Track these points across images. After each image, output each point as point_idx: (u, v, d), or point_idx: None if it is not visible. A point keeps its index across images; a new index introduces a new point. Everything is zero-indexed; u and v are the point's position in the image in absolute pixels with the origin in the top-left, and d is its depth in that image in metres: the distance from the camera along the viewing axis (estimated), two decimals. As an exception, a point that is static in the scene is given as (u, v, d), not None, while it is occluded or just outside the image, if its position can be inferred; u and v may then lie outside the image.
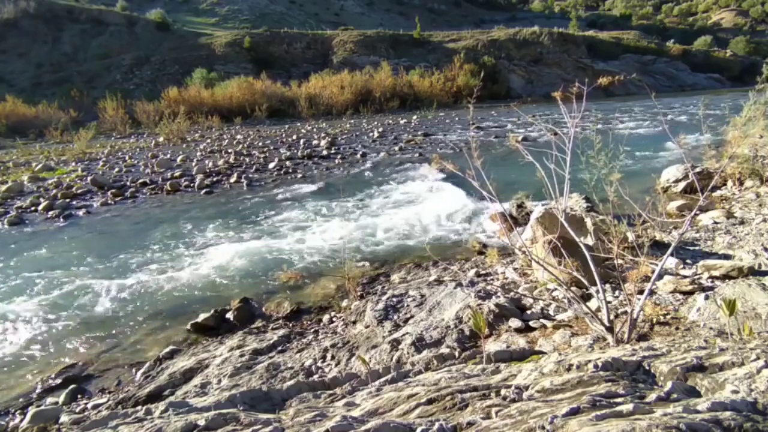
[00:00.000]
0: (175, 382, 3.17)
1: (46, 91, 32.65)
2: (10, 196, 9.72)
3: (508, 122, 20.16)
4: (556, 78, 38.99)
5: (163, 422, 1.66)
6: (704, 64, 48.77)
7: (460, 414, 1.43)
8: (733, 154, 5.10)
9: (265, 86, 30.25)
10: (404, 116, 25.56)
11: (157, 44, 40.29)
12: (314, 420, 1.57)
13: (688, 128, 11.39)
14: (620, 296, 3.33)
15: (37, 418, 2.57)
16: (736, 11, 71.81)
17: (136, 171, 12.12)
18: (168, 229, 7.06)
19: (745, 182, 6.52)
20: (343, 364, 3.12)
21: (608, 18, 73.65)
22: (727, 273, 3.39)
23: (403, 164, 11.44)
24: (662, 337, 2.62)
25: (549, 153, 3.01)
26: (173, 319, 4.27)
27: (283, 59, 41.06)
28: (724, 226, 4.83)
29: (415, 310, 3.74)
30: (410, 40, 44.62)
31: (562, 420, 1.16)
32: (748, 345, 1.65)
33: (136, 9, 45.92)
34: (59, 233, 7.29)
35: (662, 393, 1.31)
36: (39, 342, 3.97)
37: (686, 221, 2.56)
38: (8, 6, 38.07)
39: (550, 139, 3.08)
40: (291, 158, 13.06)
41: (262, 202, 8.60)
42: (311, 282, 4.88)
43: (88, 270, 5.55)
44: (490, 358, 2.32)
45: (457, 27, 55.71)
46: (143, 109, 24.29)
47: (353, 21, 57.82)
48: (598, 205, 4.88)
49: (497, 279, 4.31)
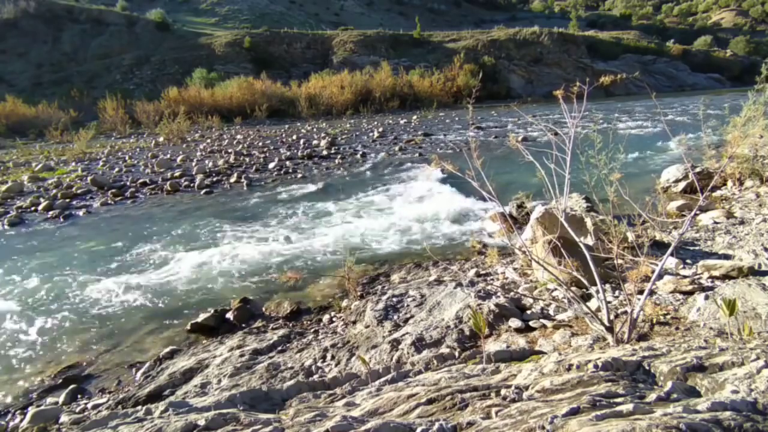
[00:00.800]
0: (175, 382, 3.17)
1: (46, 91, 32.66)
2: (10, 196, 9.73)
3: (508, 122, 20.16)
4: (556, 78, 39.00)
5: (163, 422, 1.66)
6: (704, 64, 48.77)
7: (460, 414, 1.43)
8: (733, 154, 5.10)
9: (265, 86, 30.27)
10: (404, 116, 25.57)
11: (157, 44, 40.31)
12: (314, 420, 1.57)
13: (688, 128, 11.39)
14: (620, 296, 3.33)
15: (37, 418, 2.57)
16: (736, 11, 71.81)
17: (136, 171, 12.12)
18: (168, 229, 7.06)
19: (745, 182, 6.52)
20: (343, 364, 3.12)
21: (608, 18, 73.65)
22: (727, 273, 3.39)
23: (403, 164, 11.44)
24: (662, 337, 2.62)
25: (549, 153, 3.01)
26: (173, 319, 4.27)
27: (283, 59, 41.08)
28: (724, 226, 4.83)
29: (415, 310, 3.74)
30: (410, 40, 44.63)
31: (562, 420, 1.16)
32: (748, 345, 1.65)
33: (136, 9, 45.93)
34: (59, 233, 7.29)
35: (662, 393, 1.31)
36: (39, 342, 3.97)
37: (686, 221, 2.56)
38: (8, 6, 38.09)
39: (550, 139, 3.08)
40: (291, 158, 13.06)
41: (262, 202, 8.60)
42: (311, 282, 4.88)
43: (88, 270, 5.55)
44: (490, 358, 2.32)
45: (457, 27, 55.73)
46: (143, 109, 24.29)
47: (353, 21, 57.83)
48: (598, 205, 4.87)
49: (497, 279, 4.30)
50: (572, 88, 2.72)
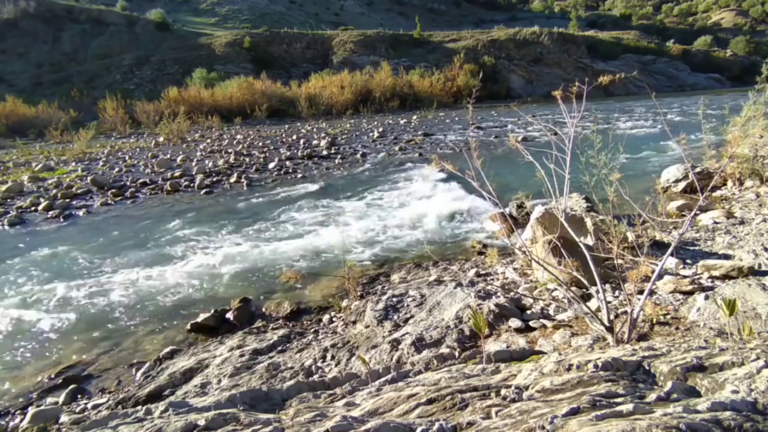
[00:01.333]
0: (175, 382, 3.17)
1: (46, 91, 32.66)
2: (10, 196, 9.73)
3: (508, 122, 20.16)
4: (556, 78, 38.98)
5: (163, 422, 1.66)
6: (704, 64, 48.77)
7: (460, 414, 1.43)
8: (733, 154, 5.09)
9: (265, 86, 30.28)
10: (404, 116, 25.57)
11: (157, 44, 40.32)
12: (314, 420, 1.57)
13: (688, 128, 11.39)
14: (620, 296, 3.33)
15: (37, 418, 2.57)
16: (736, 11, 71.81)
17: (136, 171, 12.12)
18: (168, 229, 7.06)
19: (745, 182, 6.52)
20: (343, 364, 3.12)
21: (608, 18, 73.65)
22: (727, 273, 3.39)
23: (403, 164, 11.44)
24: (662, 337, 2.62)
25: (549, 153, 3.01)
26: (173, 319, 4.27)
27: (283, 59, 41.09)
28: (724, 226, 4.83)
29: (415, 310, 3.74)
30: (410, 40, 44.63)
31: (562, 420, 1.16)
32: (748, 345, 1.65)
33: (136, 9, 45.94)
34: (59, 233, 7.29)
35: (662, 393, 1.31)
36: (39, 342, 3.98)
37: (686, 221, 2.56)
38: (8, 6, 38.09)
39: (550, 139, 3.08)
40: (291, 158, 13.06)
41: (262, 202, 8.60)
42: (311, 282, 4.88)
43: (88, 270, 5.55)
44: (490, 358, 2.32)
45: (457, 27, 55.73)
46: (143, 109, 24.30)
47: (353, 21, 57.84)
48: (598, 205, 4.88)
49: (497, 279, 4.30)
50: (571, 88, 2.72)
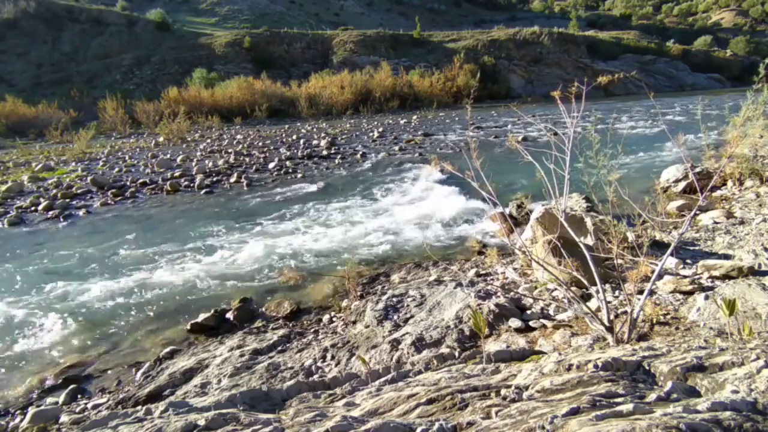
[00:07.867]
0: (175, 382, 3.17)
1: (46, 91, 32.64)
2: (10, 196, 9.72)
3: (507, 122, 20.16)
4: (556, 78, 38.91)
5: (163, 422, 1.66)
6: (704, 64, 48.75)
7: (460, 414, 1.43)
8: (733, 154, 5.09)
9: (265, 86, 30.25)
10: (404, 116, 25.56)
11: (157, 44, 40.30)
12: (314, 420, 1.57)
13: (688, 128, 11.40)
14: (620, 296, 3.33)
15: (37, 418, 2.57)
16: (736, 11, 71.80)
17: (136, 171, 12.12)
18: (168, 229, 7.06)
19: (745, 182, 6.52)
20: (343, 364, 3.12)
21: (608, 18, 73.62)
22: (727, 273, 3.39)
23: (402, 164, 11.43)
24: (662, 337, 2.62)
25: (549, 153, 3.01)
26: (173, 319, 4.27)
27: (283, 59, 41.06)
28: (724, 226, 4.83)
29: (415, 310, 3.74)
30: (410, 40, 44.61)
31: (562, 420, 1.16)
32: (748, 345, 1.65)
33: (136, 9, 45.91)
34: (59, 233, 7.29)
35: (662, 393, 1.31)
36: (39, 342, 3.97)
37: (686, 221, 2.56)
38: (8, 6, 38.08)
39: (550, 139, 3.08)
40: (291, 158, 13.06)
41: (262, 202, 8.60)
42: (311, 282, 4.88)
43: (88, 270, 5.55)
44: (490, 358, 2.32)
45: (457, 27, 55.71)
46: (143, 109, 24.27)
47: (353, 21, 57.80)
48: (598, 205, 4.88)
49: (497, 279, 4.30)
50: (571, 88, 2.72)
